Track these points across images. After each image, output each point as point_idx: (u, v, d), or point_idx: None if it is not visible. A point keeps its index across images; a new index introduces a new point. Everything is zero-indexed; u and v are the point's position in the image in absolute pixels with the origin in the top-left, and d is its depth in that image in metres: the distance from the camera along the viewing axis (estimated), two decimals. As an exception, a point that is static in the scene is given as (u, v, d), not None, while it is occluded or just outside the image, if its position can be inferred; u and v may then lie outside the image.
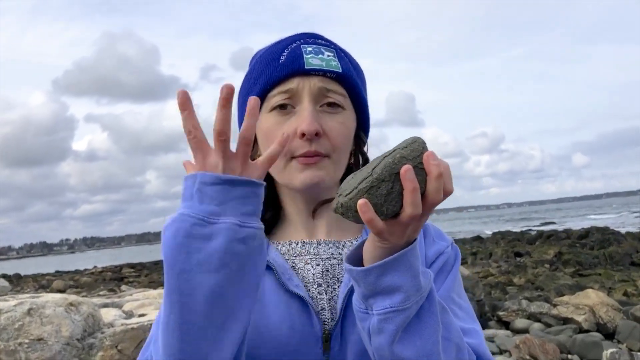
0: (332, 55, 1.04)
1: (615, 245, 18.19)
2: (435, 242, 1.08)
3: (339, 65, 1.03)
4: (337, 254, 1.06)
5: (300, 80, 1.00)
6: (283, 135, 0.84)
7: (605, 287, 11.62)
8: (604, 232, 22.76)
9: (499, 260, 19.21)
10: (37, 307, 4.50)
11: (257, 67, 1.07)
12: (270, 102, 1.03)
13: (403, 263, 0.79)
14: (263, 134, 1.04)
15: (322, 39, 1.08)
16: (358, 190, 0.74)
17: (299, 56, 1.02)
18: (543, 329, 8.37)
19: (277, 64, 1.02)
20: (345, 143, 1.04)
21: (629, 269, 14.39)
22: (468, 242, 28.48)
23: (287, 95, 1.01)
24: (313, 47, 1.04)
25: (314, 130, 0.97)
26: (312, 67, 1.00)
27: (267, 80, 1.03)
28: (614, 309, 8.43)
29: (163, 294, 0.79)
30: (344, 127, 1.03)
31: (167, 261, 0.77)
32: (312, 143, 0.98)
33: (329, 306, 1.00)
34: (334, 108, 1.02)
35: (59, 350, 4.33)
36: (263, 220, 1.10)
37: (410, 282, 0.80)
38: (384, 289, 0.80)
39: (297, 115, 1.00)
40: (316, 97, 1.01)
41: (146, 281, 24.18)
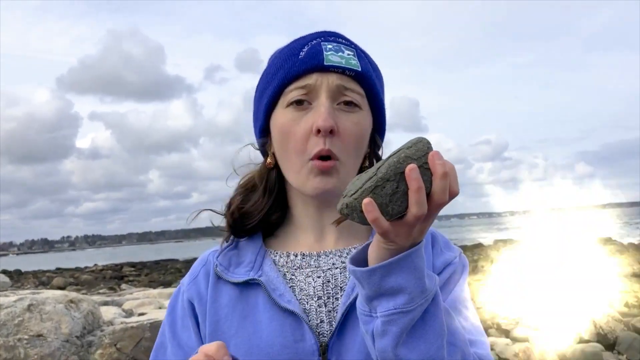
0: (352, 54, 1.03)
1: (617, 256, 18.13)
2: (443, 252, 1.06)
3: (359, 64, 1.02)
4: (339, 263, 1.04)
5: (319, 76, 0.99)
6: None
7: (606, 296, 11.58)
8: (605, 243, 22.68)
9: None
10: (37, 303, 4.51)
11: (275, 62, 1.06)
12: (287, 97, 1.01)
13: (407, 264, 0.78)
14: (278, 130, 1.03)
15: (343, 38, 1.07)
16: (363, 190, 0.74)
17: (319, 52, 1.00)
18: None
19: (296, 59, 1.01)
20: (359, 145, 1.03)
21: (630, 280, 14.34)
22: (469, 249, 28.41)
23: (305, 90, 1.00)
24: (333, 45, 1.03)
25: (329, 126, 0.96)
26: (332, 63, 0.99)
27: (286, 75, 1.01)
28: (614, 319, 8.40)
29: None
30: (358, 128, 1.01)
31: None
32: (327, 141, 0.97)
33: (329, 318, 0.99)
34: (351, 107, 1.01)
35: (58, 347, 4.33)
36: (268, 223, 1.09)
37: (415, 284, 0.78)
38: (387, 290, 0.79)
39: (314, 111, 0.99)
40: (334, 94, 0.99)
41: (146, 280, 24.20)
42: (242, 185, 1.12)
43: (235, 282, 1.02)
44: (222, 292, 1.02)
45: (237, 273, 1.03)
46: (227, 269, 1.04)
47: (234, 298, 1.01)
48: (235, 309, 1.00)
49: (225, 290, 1.02)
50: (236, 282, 1.01)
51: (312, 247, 1.07)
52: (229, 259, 1.06)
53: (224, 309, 1.01)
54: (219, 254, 1.08)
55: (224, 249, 1.08)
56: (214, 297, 1.02)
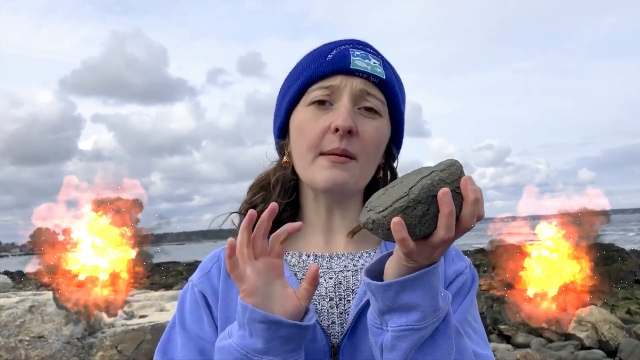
0: (379, 63, 1.05)
1: (619, 263, 18.08)
2: (455, 261, 1.07)
3: (384, 73, 1.04)
4: (351, 266, 1.05)
5: (343, 79, 1.01)
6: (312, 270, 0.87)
7: (608, 304, 11.55)
8: (608, 249, 22.61)
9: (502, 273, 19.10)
10: (38, 304, 4.51)
11: (302, 62, 1.08)
12: (309, 95, 1.03)
13: (423, 282, 0.79)
14: (297, 127, 1.04)
15: (371, 47, 1.09)
16: (393, 209, 0.74)
17: (346, 56, 1.02)
18: (544, 344, 8.31)
19: (323, 61, 1.03)
20: (376, 150, 1.04)
21: (633, 286, 14.29)
22: (471, 254, 28.33)
23: (328, 91, 1.01)
24: (361, 52, 1.05)
25: (348, 127, 0.97)
26: (357, 68, 1.01)
27: (311, 75, 1.03)
28: (616, 326, 8.37)
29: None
30: (377, 133, 1.03)
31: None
32: (343, 140, 0.98)
33: (340, 320, 0.99)
34: (371, 113, 1.02)
35: (59, 348, 4.33)
36: (280, 221, 1.07)
37: (429, 302, 0.79)
38: (401, 306, 0.80)
39: (334, 111, 1.00)
40: (356, 98, 1.01)
41: (147, 283, 24.18)
42: (257, 184, 1.13)
43: None
44: (233, 289, 1.02)
45: None
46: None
47: None
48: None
49: (236, 287, 1.02)
50: None
51: (323, 248, 1.08)
52: None
53: (234, 304, 0.99)
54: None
55: None
56: (225, 292, 1.03)
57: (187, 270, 28.44)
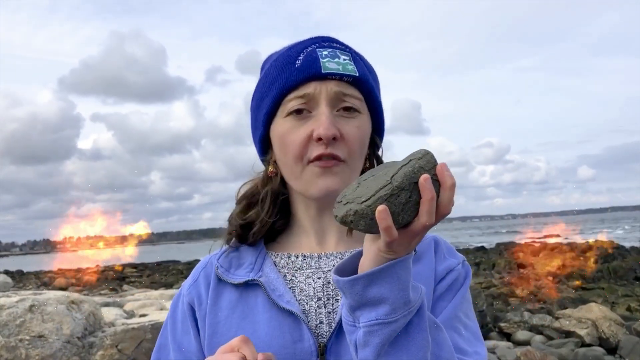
0: (348, 59, 1.03)
1: (619, 260, 18.10)
2: (446, 258, 1.06)
3: (356, 69, 1.02)
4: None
5: (317, 85, 0.99)
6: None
7: (608, 301, 11.56)
8: (608, 246, 22.63)
9: (502, 271, 19.13)
10: (38, 304, 4.51)
11: (271, 71, 1.05)
12: (286, 106, 1.01)
13: (390, 275, 0.77)
14: (278, 139, 1.03)
15: (338, 42, 1.06)
16: (377, 197, 0.73)
17: (315, 60, 1.00)
18: (545, 342, 8.32)
19: (293, 68, 1.01)
20: (362, 148, 1.03)
21: (633, 284, 14.32)
22: (471, 252, 28.38)
23: (304, 100, 0.99)
24: (329, 51, 1.03)
25: (331, 135, 0.96)
26: (329, 71, 0.99)
27: (283, 85, 1.01)
28: (616, 323, 8.38)
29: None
30: (360, 132, 1.02)
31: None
32: (329, 146, 0.97)
33: (328, 319, 0.99)
34: (351, 112, 1.01)
35: (60, 347, 4.34)
36: (273, 230, 1.09)
37: (397, 295, 0.78)
38: (369, 300, 0.79)
39: (314, 119, 0.99)
40: (333, 102, 1.00)
41: (148, 281, 24.21)
42: (246, 196, 1.11)
43: (236, 284, 1.02)
44: (222, 295, 1.03)
45: (238, 274, 1.03)
46: (227, 270, 1.05)
47: (234, 300, 1.02)
48: (235, 310, 1.01)
49: (226, 293, 1.03)
50: (236, 284, 1.02)
51: (314, 249, 1.07)
52: (230, 261, 1.07)
53: (223, 311, 1.01)
54: (219, 256, 1.09)
55: (224, 251, 1.09)
56: (214, 300, 1.03)
57: (187, 269, 28.47)
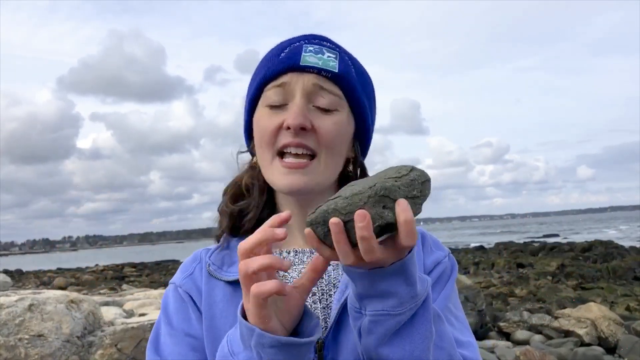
0: (334, 57, 1.04)
1: (618, 260, 18.12)
2: (433, 251, 1.08)
3: (337, 66, 1.03)
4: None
5: (294, 76, 1.01)
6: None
7: (607, 301, 11.56)
8: (607, 246, 22.67)
9: (501, 270, 19.14)
10: (38, 303, 4.51)
11: (260, 64, 1.09)
12: (265, 96, 1.04)
13: (400, 271, 0.79)
14: (256, 127, 1.06)
15: (328, 41, 1.08)
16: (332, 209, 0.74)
17: (297, 53, 1.02)
18: (544, 341, 8.33)
19: (276, 60, 1.03)
20: (338, 144, 1.03)
21: (632, 283, 14.31)
22: (471, 252, 28.40)
23: (281, 89, 1.01)
24: (315, 47, 1.04)
25: (299, 124, 0.97)
26: (307, 64, 1.01)
27: (265, 74, 1.04)
28: (615, 323, 8.38)
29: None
30: (336, 127, 1.02)
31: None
32: (297, 136, 0.98)
33: (323, 314, 1.00)
34: (328, 111, 1.02)
35: (59, 347, 4.33)
36: (260, 221, 1.06)
37: (406, 290, 0.79)
38: (379, 292, 0.80)
39: (287, 110, 1.01)
40: (309, 94, 1.01)
41: (147, 281, 24.21)
42: (232, 186, 1.13)
43: (229, 281, 1.02)
44: (215, 289, 1.03)
45: (230, 272, 1.04)
46: (220, 267, 1.05)
47: (228, 294, 1.02)
48: (230, 305, 1.00)
49: (219, 288, 1.03)
50: (229, 281, 1.02)
51: (302, 244, 1.08)
52: (222, 259, 1.07)
53: (218, 305, 1.01)
54: (211, 253, 1.09)
55: (215, 248, 1.10)
56: (208, 293, 1.03)
57: (186, 269, 28.38)
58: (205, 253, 1.10)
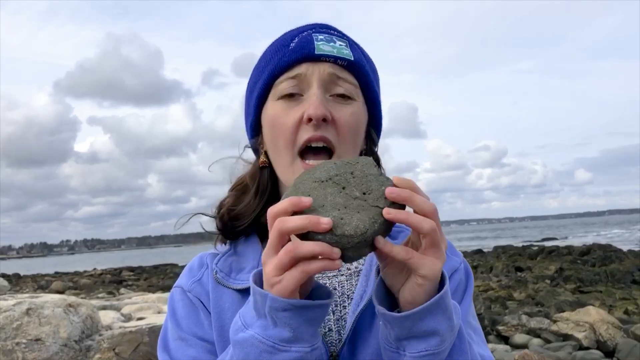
0: (344, 44, 1.01)
1: (616, 263, 18.12)
2: (449, 257, 1.03)
3: (351, 54, 1.00)
4: (345, 270, 1.01)
5: (310, 66, 0.97)
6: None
7: (606, 304, 11.56)
8: (605, 250, 22.66)
9: (500, 274, 19.13)
10: (35, 307, 4.49)
11: (265, 55, 1.04)
12: (277, 88, 0.99)
13: (441, 307, 0.76)
14: (269, 123, 1.00)
15: (335, 29, 1.05)
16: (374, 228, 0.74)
17: (310, 42, 0.98)
18: (542, 345, 8.32)
19: (287, 50, 0.99)
20: (355, 136, 1.00)
21: (630, 287, 14.31)
22: (469, 256, 28.38)
23: (296, 81, 0.97)
24: (325, 36, 1.01)
25: (321, 115, 0.93)
26: (323, 52, 0.97)
27: (275, 66, 0.99)
28: (614, 326, 8.38)
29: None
30: (354, 118, 0.98)
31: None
32: (319, 129, 0.94)
33: (337, 326, 0.96)
34: (345, 99, 0.98)
35: (57, 351, 4.32)
36: (263, 225, 1.02)
37: (447, 325, 0.77)
38: (420, 333, 0.77)
39: (305, 101, 0.96)
40: (326, 84, 0.97)
41: (145, 285, 24.14)
42: (234, 187, 1.09)
43: (237, 289, 0.98)
44: (223, 296, 1.00)
45: (239, 279, 1.00)
46: (228, 275, 1.01)
47: (237, 302, 0.98)
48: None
49: (226, 295, 0.99)
50: (238, 289, 0.98)
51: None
52: (229, 265, 1.03)
53: (227, 313, 0.97)
54: (217, 260, 1.04)
55: (223, 254, 1.05)
56: (215, 301, 0.99)
57: (184, 272, 28.33)
58: (211, 259, 1.05)
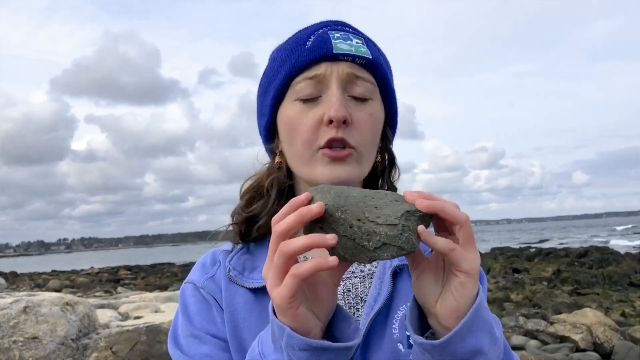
0: (361, 42, 0.98)
1: (614, 265, 18.15)
2: None
3: (369, 52, 0.97)
4: (359, 272, 0.99)
5: (328, 66, 0.94)
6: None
7: (603, 306, 11.58)
8: (603, 252, 22.69)
9: (497, 276, 19.16)
10: (33, 305, 4.49)
11: (280, 53, 1.00)
12: (294, 89, 0.96)
13: (479, 321, 0.72)
14: (286, 124, 0.97)
15: (350, 27, 1.02)
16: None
17: (327, 41, 0.95)
18: (539, 347, 8.33)
19: (304, 49, 0.96)
20: (374, 137, 0.98)
21: (627, 289, 14.35)
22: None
23: (314, 81, 0.94)
24: (341, 34, 0.98)
25: (342, 117, 0.90)
26: (341, 51, 0.94)
27: (293, 66, 0.96)
28: (611, 329, 8.40)
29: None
30: (373, 119, 0.96)
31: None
32: (339, 130, 0.91)
33: None
34: (363, 99, 0.95)
35: (54, 349, 4.31)
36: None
37: (489, 339, 0.73)
38: (464, 355, 0.71)
39: (324, 102, 0.93)
40: (345, 84, 0.94)
41: (142, 284, 24.13)
42: (250, 189, 1.06)
43: (252, 288, 0.96)
44: (236, 295, 0.97)
45: (253, 278, 0.98)
46: (241, 273, 0.99)
47: (250, 302, 0.96)
48: (252, 313, 0.95)
49: (239, 293, 0.97)
50: (251, 288, 0.96)
51: (327, 253, 1.03)
52: (243, 264, 1.01)
53: (240, 313, 0.95)
54: (231, 257, 1.02)
55: (236, 252, 1.03)
56: (228, 300, 0.97)
57: (182, 272, 28.37)
58: (224, 256, 1.03)
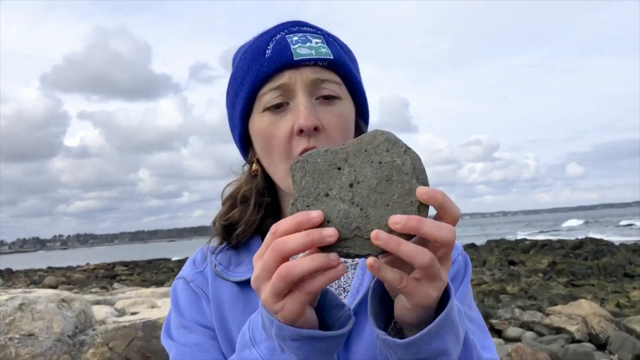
0: (321, 41, 0.98)
1: (609, 257, 18.26)
2: None
3: (330, 52, 0.96)
4: (342, 262, 1.02)
5: (292, 74, 0.94)
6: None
7: (598, 297, 11.65)
8: (598, 243, 22.82)
9: (493, 268, 19.23)
10: (28, 302, 4.47)
11: (242, 65, 1.00)
12: (261, 100, 0.96)
13: (447, 324, 0.71)
14: (259, 137, 0.98)
15: (308, 25, 1.01)
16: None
17: (286, 47, 0.94)
18: (535, 338, 8.38)
19: (264, 59, 0.95)
20: (345, 137, 0.97)
21: (622, 280, 14.43)
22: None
23: (279, 91, 0.94)
24: (299, 36, 0.97)
25: (312, 125, 0.91)
26: (302, 57, 0.93)
27: (256, 78, 0.96)
28: (606, 319, 8.45)
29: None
30: (342, 120, 0.97)
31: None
32: (311, 139, 0.92)
33: None
34: (330, 100, 0.96)
35: (50, 346, 4.31)
36: (264, 228, 1.04)
37: (454, 341, 0.73)
38: (427, 355, 0.72)
39: (293, 110, 0.94)
40: (310, 90, 0.94)
41: (139, 280, 24.11)
42: (231, 197, 1.08)
43: (237, 281, 0.99)
44: (222, 289, 1.01)
45: (238, 272, 1.01)
46: (227, 268, 1.02)
47: (235, 294, 0.99)
48: (237, 305, 0.98)
49: (225, 287, 1.00)
50: (237, 281, 0.99)
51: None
52: (229, 259, 1.04)
53: (225, 305, 0.99)
54: (217, 252, 1.05)
55: (222, 248, 1.06)
56: (214, 293, 1.00)
57: (178, 267, 28.37)
58: (211, 252, 1.06)
